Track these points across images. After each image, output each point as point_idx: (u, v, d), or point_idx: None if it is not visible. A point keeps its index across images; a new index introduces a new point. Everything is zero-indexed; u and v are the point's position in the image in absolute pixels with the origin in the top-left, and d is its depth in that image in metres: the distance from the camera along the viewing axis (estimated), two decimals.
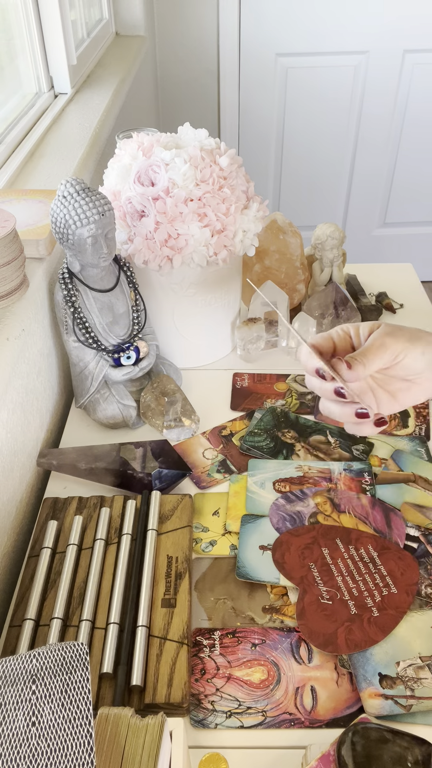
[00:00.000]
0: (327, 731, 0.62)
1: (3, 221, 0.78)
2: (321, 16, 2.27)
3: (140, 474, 0.85)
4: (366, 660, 0.66)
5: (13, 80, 1.40)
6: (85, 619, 0.68)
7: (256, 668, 0.66)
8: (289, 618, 0.71)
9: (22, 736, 0.42)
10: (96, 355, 0.93)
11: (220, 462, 0.90)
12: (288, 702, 0.64)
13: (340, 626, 0.68)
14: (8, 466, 0.80)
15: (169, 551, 0.75)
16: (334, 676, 0.66)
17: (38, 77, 1.46)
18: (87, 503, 0.82)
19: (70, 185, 0.83)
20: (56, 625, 0.68)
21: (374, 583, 0.72)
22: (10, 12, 1.36)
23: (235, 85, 2.40)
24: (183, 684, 0.63)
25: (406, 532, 0.79)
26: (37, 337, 0.90)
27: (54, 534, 0.77)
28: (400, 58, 2.34)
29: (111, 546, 0.77)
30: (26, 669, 0.45)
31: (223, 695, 0.64)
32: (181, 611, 0.69)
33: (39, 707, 0.43)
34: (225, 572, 0.76)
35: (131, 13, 2.05)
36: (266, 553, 0.76)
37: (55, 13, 1.41)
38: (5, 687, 0.44)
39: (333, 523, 0.80)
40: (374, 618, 0.69)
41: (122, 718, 0.47)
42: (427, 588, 0.73)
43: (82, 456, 0.87)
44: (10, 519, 0.80)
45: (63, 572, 0.73)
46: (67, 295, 0.89)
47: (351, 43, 2.32)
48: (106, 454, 0.87)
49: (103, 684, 0.64)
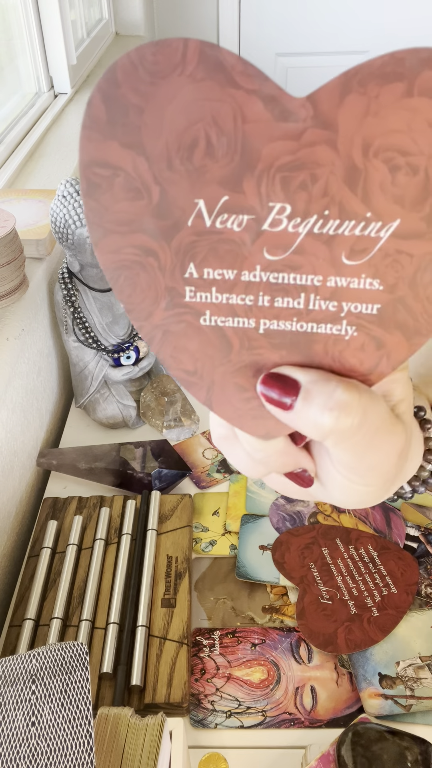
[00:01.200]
0: (327, 731, 0.62)
1: (3, 221, 0.78)
2: (321, 16, 2.27)
3: (140, 474, 0.85)
4: (366, 660, 0.66)
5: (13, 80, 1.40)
6: (85, 619, 0.68)
7: (256, 668, 0.66)
8: (289, 618, 0.71)
9: (21, 736, 0.42)
10: (96, 355, 0.93)
11: (220, 462, 0.90)
12: (288, 702, 0.64)
13: (340, 626, 0.68)
14: (8, 466, 0.80)
15: (168, 551, 0.75)
16: (334, 676, 0.66)
17: (38, 77, 1.46)
18: (87, 503, 0.82)
19: (70, 185, 0.83)
20: (56, 625, 0.68)
21: (374, 583, 0.72)
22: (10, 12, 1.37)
23: None
24: (183, 684, 0.63)
25: (406, 531, 0.79)
26: (37, 337, 0.90)
27: (54, 534, 0.77)
28: None
29: (111, 546, 0.77)
30: (26, 669, 0.45)
31: (223, 695, 0.64)
32: (180, 611, 0.69)
33: (39, 707, 0.43)
34: (225, 572, 0.76)
35: (131, 13, 2.05)
36: (266, 553, 0.76)
37: (55, 13, 1.41)
38: (5, 687, 0.44)
39: (333, 523, 0.80)
40: (374, 618, 0.69)
41: (122, 718, 0.47)
42: (427, 588, 0.73)
43: (82, 456, 0.87)
44: (10, 519, 0.80)
45: (63, 572, 0.73)
46: (67, 295, 0.90)
47: (351, 43, 2.32)
48: (106, 454, 0.87)
49: (103, 684, 0.64)
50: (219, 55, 0.20)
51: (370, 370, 0.24)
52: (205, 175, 0.21)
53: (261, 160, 0.21)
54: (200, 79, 0.20)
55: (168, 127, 0.21)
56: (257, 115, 0.20)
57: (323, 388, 0.23)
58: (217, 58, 0.20)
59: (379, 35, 2.30)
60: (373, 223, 0.22)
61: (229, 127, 0.21)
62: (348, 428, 0.23)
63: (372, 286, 0.23)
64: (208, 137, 0.21)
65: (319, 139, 0.21)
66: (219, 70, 0.20)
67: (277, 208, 0.21)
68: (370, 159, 0.21)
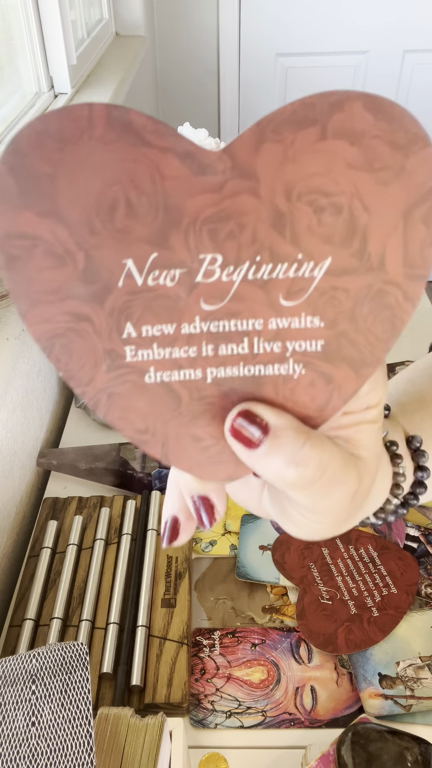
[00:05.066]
0: (327, 731, 0.62)
1: None
2: (321, 16, 2.27)
3: (140, 474, 0.85)
4: (366, 660, 0.66)
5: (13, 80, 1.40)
6: (85, 619, 0.68)
7: (256, 668, 0.66)
8: (289, 618, 0.71)
9: (21, 736, 0.42)
10: None
11: None
12: (288, 702, 0.64)
13: (340, 626, 0.68)
14: (8, 466, 0.80)
15: (168, 551, 0.75)
16: (334, 676, 0.66)
17: (38, 77, 1.46)
18: (87, 503, 0.82)
19: None
20: (56, 625, 0.68)
21: (374, 583, 0.72)
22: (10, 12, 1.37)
23: (235, 85, 2.40)
24: (183, 684, 0.63)
25: (406, 532, 0.79)
26: None
27: (54, 534, 0.77)
28: (400, 58, 2.34)
29: (111, 546, 0.77)
30: (26, 669, 0.45)
31: (223, 695, 0.64)
32: (180, 611, 0.69)
33: (39, 707, 0.43)
34: (225, 572, 0.76)
35: (131, 13, 2.05)
36: (266, 553, 0.76)
37: (55, 13, 1.41)
38: (5, 687, 0.44)
39: None
40: (374, 618, 0.69)
41: (122, 718, 0.47)
42: (427, 588, 0.73)
43: (82, 456, 0.87)
44: (10, 519, 0.80)
45: (63, 572, 0.73)
46: None
47: (351, 43, 2.32)
48: (106, 454, 0.87)
49: (103, 684, 0.64)
50: (127, 116, 0.20)
51: (323, 405, 0.24)
52: (130, 235, 0.21)
53: (185, 214, 0.21)
54: (111, 141, 0.20)
55: (84, 192, 0.20)
56: (175, 172, 0.20)
57: (292, 440, 0.23)
58: (126, 119, 0.20)
59: (379, 35, 2.30)
60: (306, 263, 0.22)
61: (147, 185, 0.20)
62: (307, 481, 0.24)
63: (313, 324, 0.23)
64: (128, 198, 0.20)
65: (241, 189, 0.21)
66: (129, 131, 0.20)
67: (208, 259, 0.21)
68: (293, 203, 0.21)
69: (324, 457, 0.24)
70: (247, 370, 0.23)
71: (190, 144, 0.20)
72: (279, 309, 0.22)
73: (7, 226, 0.20)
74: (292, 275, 0.22)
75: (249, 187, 0.21)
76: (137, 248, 0.21)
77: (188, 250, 0.21)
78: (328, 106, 0.20)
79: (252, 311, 0.22)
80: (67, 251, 0.21)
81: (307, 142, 0.20)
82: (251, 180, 0.21)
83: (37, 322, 0.22)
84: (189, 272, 0.22)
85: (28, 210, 0.20)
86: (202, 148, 0.21)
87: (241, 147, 0.21)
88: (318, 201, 0.21)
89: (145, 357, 0.23)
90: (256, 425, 0.23)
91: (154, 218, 0.21)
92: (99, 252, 0.21)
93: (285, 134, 0.20)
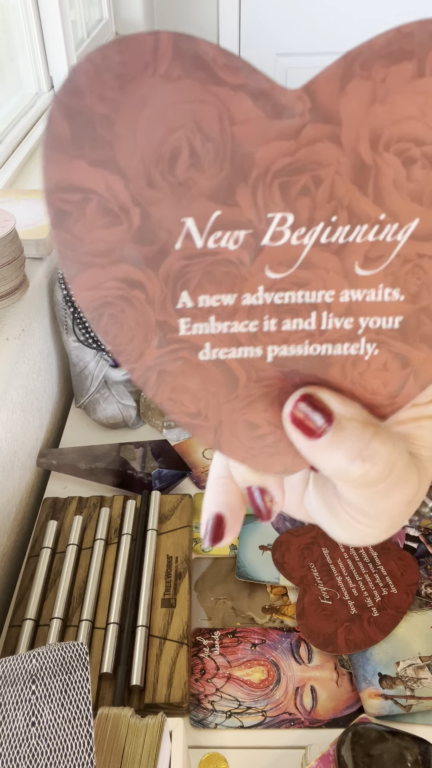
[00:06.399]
0: (327, 731, 0.62)
1: (3, 221, 0.78)
2: (321, 16, 2.27)
3: (140, 474, 0.85)
4: (366, 660, 0.66)
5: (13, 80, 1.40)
6: (85, 619, 0.68)
7: (256, 668, 0.66)
8: (289, 618, 0.71)
9: (21, 736, 0.42)
10: (96, 354, 0.93)
11: None
12: (288, 702, 0.64)
13: (340, 626, 0.68)
14: (8, 466, 0.80)
15: (168, 551, 0.75)
16: (334, 676, 0.66)
17: (38, 77, 1.46)
18: (87, 503, 0.82)
19: None
20: (56, 625, 0.68)
21: (374, 583, 0.72)
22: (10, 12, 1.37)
23: None
24: (183, 684, 0.63)
25: (406, 532, 0.79)
26: (37, 337, 0.90)
27: (54, 534, 0.77)
28: None
29: (111, 546, 0.77)
30: (26, 669, 0.45)
31: (223, 695, 0.64)
32: (180, 611, 0.69)
33: (39, 707, 0.43)
34: (225, 572, 0.76)
35: (131, 13, 2.05)
36: (266, 553, 0.76)
37: (55, 13, 1.41)
38: (5, 687, 0.44)
39: None
40: (374, 618, 0.69)
41: (122, 718, 0.47)
42: (427, 588, 0.73)
43: (82, 456, 0.87)
44: (10, 519, 0.80)
45: (63, 572, 0.73)
46: (67, 295, 0.89)
47: (351, 43, 2.30)
48: (106, 454, 0.87)
49: (103, 684, 0.64)
50: (197, 47, 0.17)
51: (395, 391, 0.21)
52: (192, 189, 0.18)
53: (255, 165, 0.18)
54: (177, 78, 0.17)
55: (143, 138, 0.18)
56: (247, 114, 0.18)
57: (359, 433, 0.21)
58: (195, 51, 0.17)
59: None
60: (389, 226, 0.19)
61: (215, 131, 0.18)
62: (372, 480, 0.21)
63: (392, 297, 0.20)
64: (192, 145, 0.18)
65: (320, 135, 0.18)
66: (198, 65, 0.17)
67: (277, 219, 0.19)
68: (380, 153, 0.18)
69: (393, 455, 0.21)
70: (313, 348, 0.21)
71: (266, 80, 0.18)
72: (353, 279, 0.20)
73: (57, 177, 0.18)
74: (372, 239, 0.19)
75: (329, 133, 0.18)
76: (199, 205, 0.18)
77: (256, 208, 0.19)
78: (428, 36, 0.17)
79: (323, 281, 0.20)
80: (122, 207, 0.18)
81: (400, 80, 0.17)
82: (333, 124, 0.18)
83: (85, 288, 0.19)
84: (255, 234, 0.19)
85: (81, 159, 0.18)
86: (278, 86, 0.18)
87: (324, 85, 0.18)
88: (409, 151, 0.18)
89: (201, 331, 0.20)
90: (319, 412, 0.21)
91: (220, 170, 0.18)
92: (157, 208, 0.18)
93: (375, 69, 0.18)
